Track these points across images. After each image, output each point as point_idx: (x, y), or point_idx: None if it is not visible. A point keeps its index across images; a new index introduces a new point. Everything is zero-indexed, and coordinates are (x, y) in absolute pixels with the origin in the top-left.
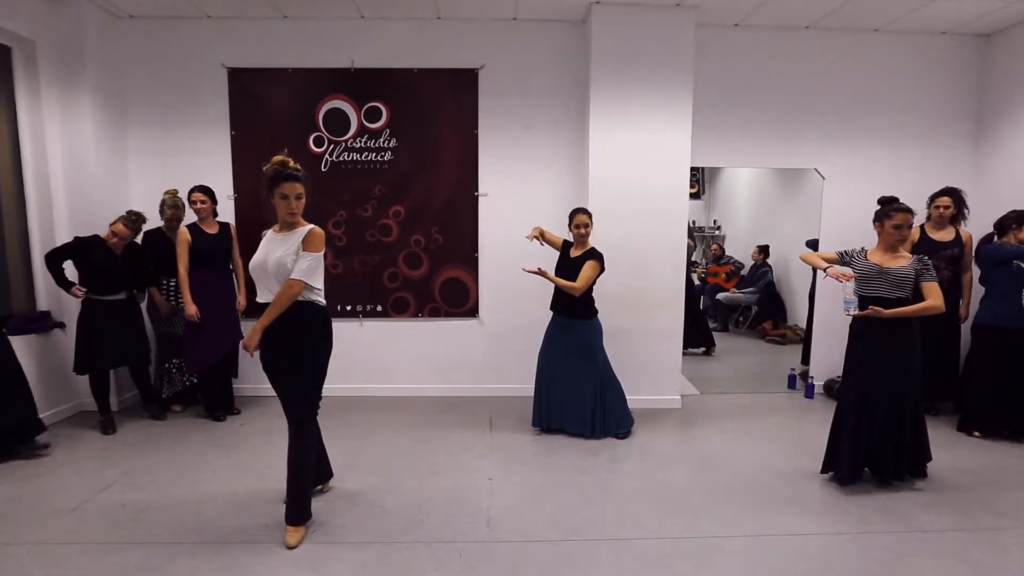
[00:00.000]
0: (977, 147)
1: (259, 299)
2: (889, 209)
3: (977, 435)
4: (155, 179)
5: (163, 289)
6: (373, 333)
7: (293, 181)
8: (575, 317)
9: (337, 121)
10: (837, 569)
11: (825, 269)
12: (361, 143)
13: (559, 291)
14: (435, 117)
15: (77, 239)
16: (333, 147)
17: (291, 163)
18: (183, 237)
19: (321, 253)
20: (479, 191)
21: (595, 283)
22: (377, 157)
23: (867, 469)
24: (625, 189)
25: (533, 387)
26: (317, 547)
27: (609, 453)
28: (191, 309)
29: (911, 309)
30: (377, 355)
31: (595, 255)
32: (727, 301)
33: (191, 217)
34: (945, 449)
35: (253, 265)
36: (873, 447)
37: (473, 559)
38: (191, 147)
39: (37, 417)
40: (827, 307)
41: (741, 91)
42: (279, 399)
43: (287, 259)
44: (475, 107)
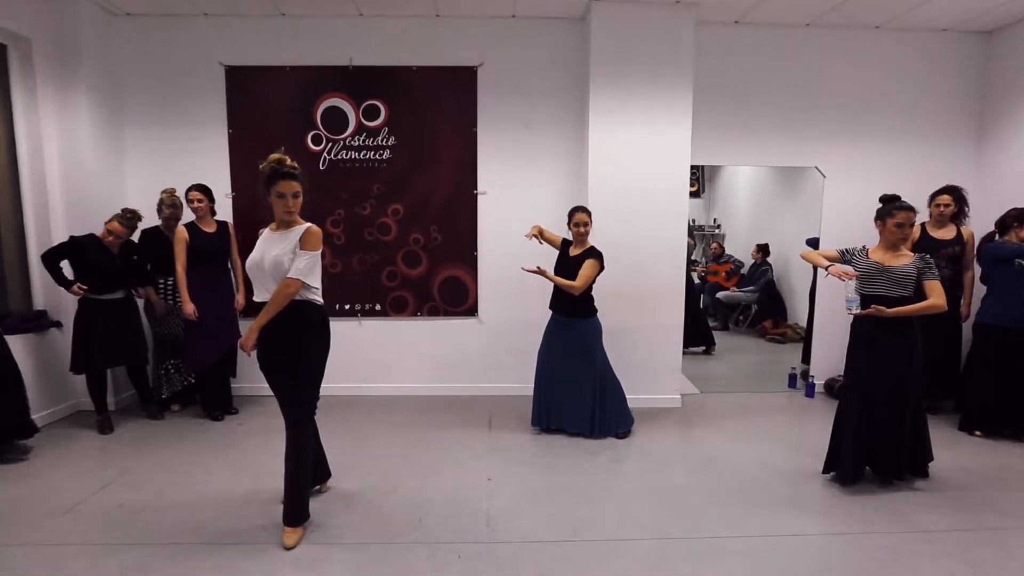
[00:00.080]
0: (979, 145)
1: (256, 298)
2: (891, 207)
3: (979, 434)
4: (152, 178)
5: (160, 288)
6: (372, 332)
7: (290, 179)
8: (574, 316)
9: (335, 119)
10: (838, 570)
11: (827, 267)
12: (359, 141)
13: (558, 290)
14: (434, 115)
15: (72, 238)
16: (331, 145)
17: (288, 161)
18: (181, 236)
19: (318, 252)
20: (478, 189)
21: (595, 282)
22: (376, 155)
23: (868, 469)
24: (625, 187)
25: (532, 386)
26: (315, 548)
27: (609, 453)
28: (189, 308)
29: (913, 308)
30: (376, 354)
31: (594, 254)
32: (727, 300)
33: (189, 216)
34: (947, 448)
35: (250, 264)
36: (874, 447)
37: (472, 560)
38: (188, 146)
39: (30, 419)
40: (828, 306)
41: (741, 89)
42: (276, 399)
43: (284, 258)
44: (474, 105)
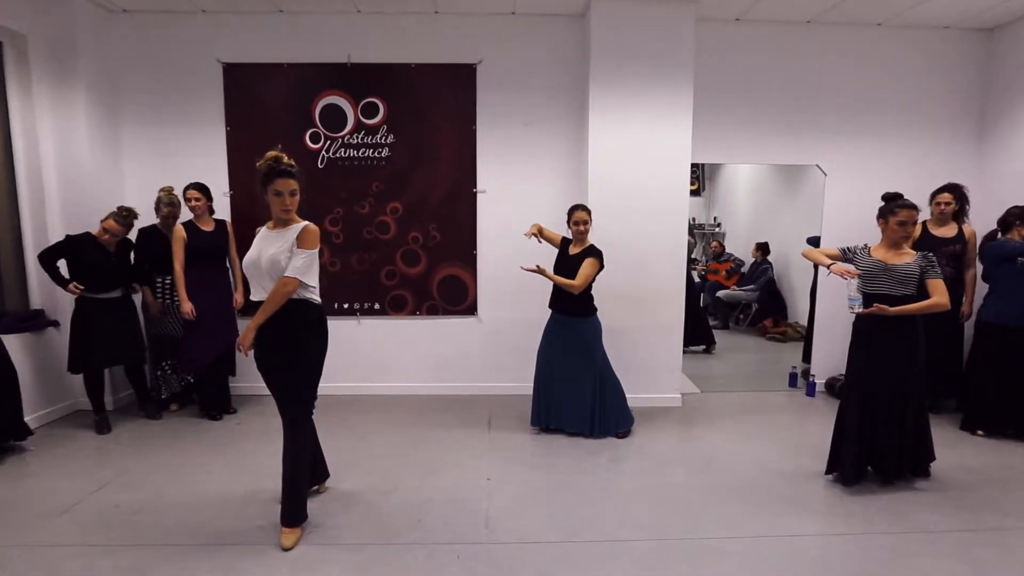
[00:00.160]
0: (980, 143)
1: (253, 297)
2: (894, 205)
3: (981, 434)
4: (150, 176)
5: (158, 287)
6: (371, 331)
7: (287, 177)
8: (574, 315)
9: (334, 117)
10: (838, 570)
11: (829, 266)
12: (358, 139)
13: (558, 289)
14: (433, 113)
15: (68, 237)
16: (330, 143)
17: (285, 159)
18: (179, 235)
19: (316, 250)
20: (477, 188)
21: (594, 281)
22: (374, 153)
23: (870, 468)
24: (625, 185)
25: (532, 386)
26: (313, 549)
27: (609, 453)
28: (187, 307)
29: (916, 307)
30: (375, 353)
31: (594, 252)
32: (727, 299)
33: (187, 214)
34: (949, 448)
35: (246, 263)
36: (876, 446)
37: (471, 561)
38: (186, 144)
39: (23, 421)
40: (828, 304)
41: (742, 86)
42: (274, 398)
43: (281, 256)
44: (473, 103)
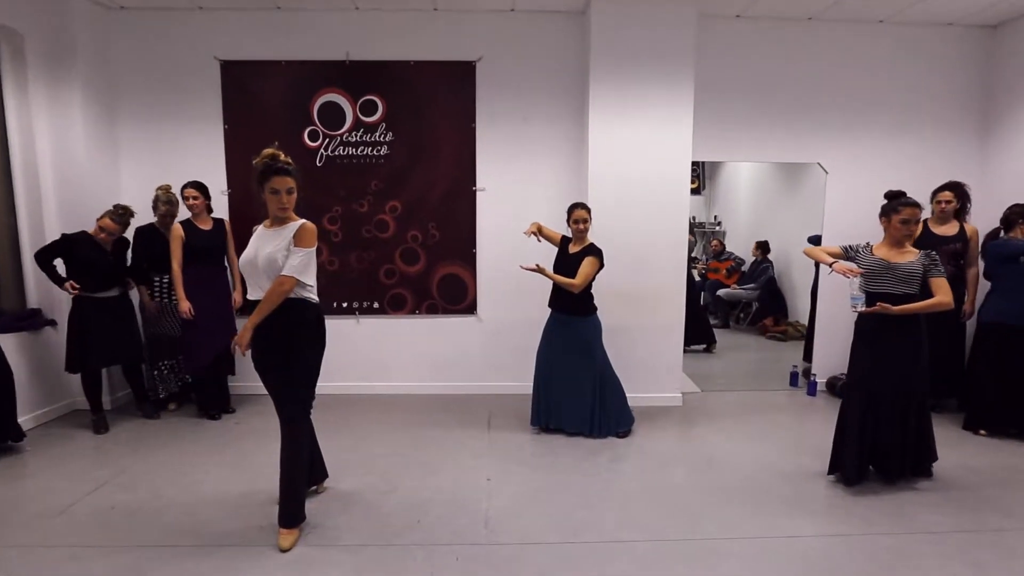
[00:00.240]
0: (982, 142)
1: (250, 296)
2: (897, 204)
3: (983, 433)
4: (147, 174)
5: (156, 286)
6: (370, 330)
7: (284, 175)
8: (574, 314)
9: (332, 115)
10: (839, 572)
11: (831, 264)
12: (357, 137)
13: (558, 288)
14: (432, 111)
15: (64, 236)
16: (328, 141)
17: (281, 156)
18: (177, 233)
19: (313, 249)
20: (477, 186)
21: (594, 279)
22: (373, 151)
23: (872, 469)
24: (625, 184)
25: (532, 385)
26: (311, 550)
27: (609, 453)
28: (184, 306)
29: (920, 305)
30: (374, 352)
31: (594, 251)
32: (728, 297)
33: (185, 213)
34: (951, 448)
35: (243, 262)
36: (878, 446)
37: (470, 562)
38: (184, 142)
39: (16, 422)
40: (829, 303)
41: (743, 84)
42: (271, 398)
43: (278, 255)
44: (472, 100)
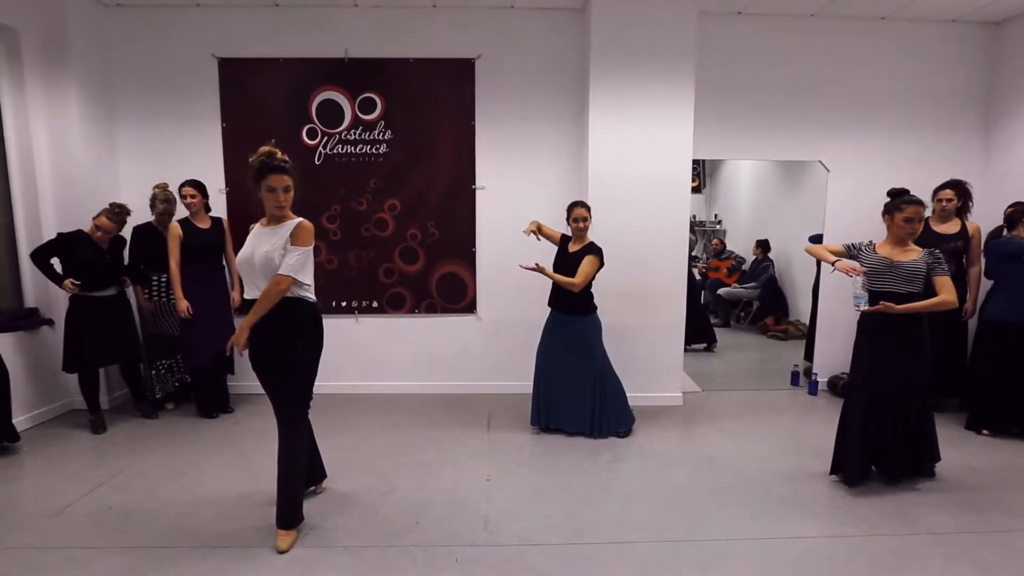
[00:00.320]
0: (985, 140)
1: (246, 295)
2: (900, 202)
3: (986, 433)
4: (145, 173)
5: (154, 285)
6: (369, 329)
7: (280, 173)
8: (574, 313)
9: (331, 113)
10: (843, 573)
11: (833, 263)
12: (355, 135)
13: (557, 287)
14: (431, 108)
15: (60, 235)
16: (327, 139)
17: (278, 154)
18: (175, 232)
19: (310, 247)
20: (476, 184)
21: (594, 278)
22: (372, 149)
23: (874, 469)
24: (625, 182)
25: (532, 384)
26: (309, 551)
27: (609, 453)
28: (182, 305)
29: (924, 304)
30: (373, 352)
31: (594, 250)
32: (728, 296)
33: (183, 212)
34: (954, 448)
35: (240, 260)
36: (880, 446)
37: (470, 563)
38: (181, 140)
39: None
40: (830, 302)
41: (744, 81)
42: (269, 398)
43: (274, 254)
44: (472, 98)
